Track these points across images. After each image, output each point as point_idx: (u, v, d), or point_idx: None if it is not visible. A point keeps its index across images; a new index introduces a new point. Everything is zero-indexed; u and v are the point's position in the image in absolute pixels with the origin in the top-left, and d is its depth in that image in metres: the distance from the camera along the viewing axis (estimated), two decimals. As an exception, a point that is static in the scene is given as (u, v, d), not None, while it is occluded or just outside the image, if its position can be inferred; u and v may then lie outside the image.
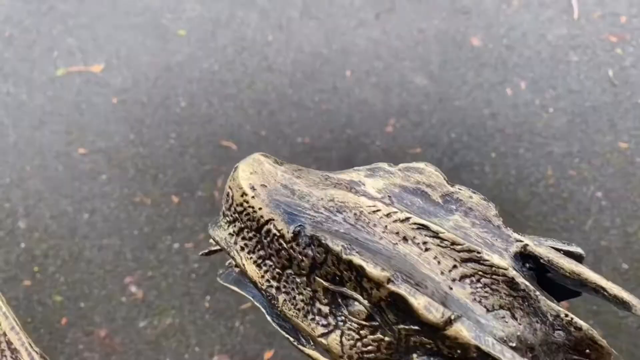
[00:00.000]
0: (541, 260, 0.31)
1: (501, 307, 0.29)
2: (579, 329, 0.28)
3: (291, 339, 0.33)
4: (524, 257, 0.31)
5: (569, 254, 0.31)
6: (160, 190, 1.54)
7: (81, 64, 1.93)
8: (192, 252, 1.38)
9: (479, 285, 0.29)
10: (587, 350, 0.29)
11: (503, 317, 0.28)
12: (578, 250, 0.32)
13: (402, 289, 0.28)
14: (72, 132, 1.70)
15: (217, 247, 0.36)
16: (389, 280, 0.28)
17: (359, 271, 0.29)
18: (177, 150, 1.72)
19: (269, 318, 0.33)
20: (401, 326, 0.29)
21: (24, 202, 1.50)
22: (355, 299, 0.29)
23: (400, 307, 0.28)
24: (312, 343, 0.32)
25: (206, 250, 0.37)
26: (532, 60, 1.90)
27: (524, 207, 1.47)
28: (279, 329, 0.33)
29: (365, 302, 0.29)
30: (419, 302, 0.27)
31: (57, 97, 1.81)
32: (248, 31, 2.07)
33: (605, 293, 0.30)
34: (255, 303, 0.34)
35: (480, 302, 0.29)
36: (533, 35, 1.98)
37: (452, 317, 0.27)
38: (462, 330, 0.27)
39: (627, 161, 1.57)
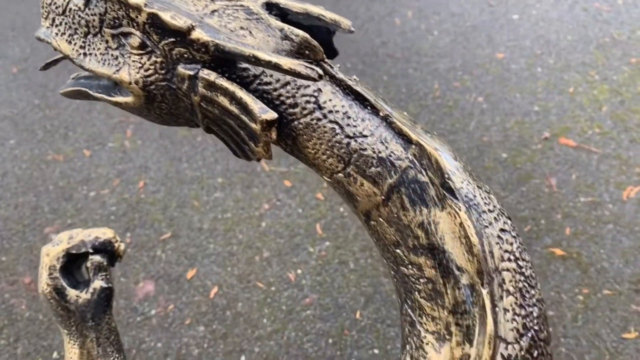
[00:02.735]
0: (281, 6, 0.41)
1: (242, 28, 0.39)
2: (297, 35, 0.38)
3: (105, 96, 0.42)
4: (270, 6, 0.41)
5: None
6: (72, 147, 1.57)
7: (-26, 39, 1.89)
8: (109, 197, 1.43)
9: (224, 15, 0.39)
10: (307, 52, 0.39)
11: (243, 35, 0.38)
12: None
13: (155, 8, 0.37)
14: (-26, 104, 1.68)
15: (54, 58, 0.44)
16: (145, 4, 0.37)
17: (125, 4, 0.37)
18: (84, 109, 1.74)
19: (91, 92, 0.42)
20: (163, 42, 0.38)
21: None
22: (129, 32, 0.39)
23: (158, 25, 0.37)
24: (120, 93, 0.41)
25: (43, 64, 0.45)
26: (417, -9, 2.03)
27: (414, 118, 1.61)
28: (97, 94, 0.42)
29: (137, 32, 0.38)
30: (166, 14, 0.37)
31: (-47, 73, 1.78)
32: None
33: (324, 18, 0.40)
34: (82, 88, 0.43)
35: (225, 26, 0.39)
36: (416, -31, 2.11)
37: (194, 24, 0.37)
38: (202, 33, 0.37)
39: (503, 68, 1.74)
